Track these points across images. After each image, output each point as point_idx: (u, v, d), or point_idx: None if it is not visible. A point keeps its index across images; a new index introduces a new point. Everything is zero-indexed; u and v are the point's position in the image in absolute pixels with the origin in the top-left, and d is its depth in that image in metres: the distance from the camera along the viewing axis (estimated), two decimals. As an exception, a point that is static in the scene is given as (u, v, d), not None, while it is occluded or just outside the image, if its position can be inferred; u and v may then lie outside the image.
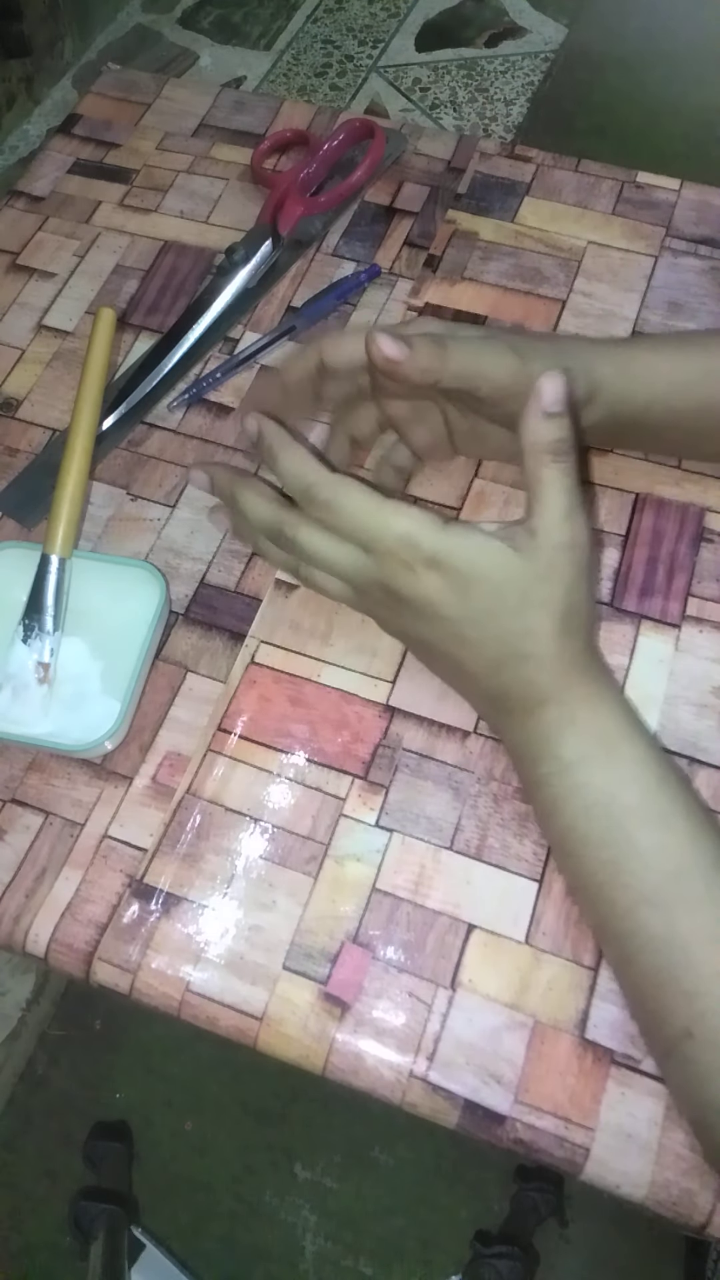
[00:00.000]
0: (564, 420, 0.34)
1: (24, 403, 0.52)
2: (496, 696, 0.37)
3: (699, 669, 0.42)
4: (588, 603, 0.36)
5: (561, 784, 0.35)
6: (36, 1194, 0.92)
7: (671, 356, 0.41)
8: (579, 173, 0.57)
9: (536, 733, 0.36)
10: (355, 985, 0.37)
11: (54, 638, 0.42)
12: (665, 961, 0.32)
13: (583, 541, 0.35)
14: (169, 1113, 0.95)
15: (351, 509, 0.35)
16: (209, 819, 0.40)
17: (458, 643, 0.36)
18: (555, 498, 0.34)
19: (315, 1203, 0.91)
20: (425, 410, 0.43)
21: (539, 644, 0.35)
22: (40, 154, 0.61)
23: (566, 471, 0.34)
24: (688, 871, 0.33)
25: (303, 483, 0.36)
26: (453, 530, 0.35)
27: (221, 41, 1.49)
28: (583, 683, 0.36)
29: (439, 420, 0.44)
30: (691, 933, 0.32)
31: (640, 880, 0.33)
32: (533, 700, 0.36)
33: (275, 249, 0.54)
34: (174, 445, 0.49)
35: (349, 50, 1.48)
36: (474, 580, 0.35)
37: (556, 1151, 0.34)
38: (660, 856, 0.33)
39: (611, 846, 0.34)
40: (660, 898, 0.32)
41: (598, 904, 0.35)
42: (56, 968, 0.38)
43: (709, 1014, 0.31)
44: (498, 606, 0.35)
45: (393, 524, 0.35)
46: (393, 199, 0.57)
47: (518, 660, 0.35)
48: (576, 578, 0.35)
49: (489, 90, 1.43)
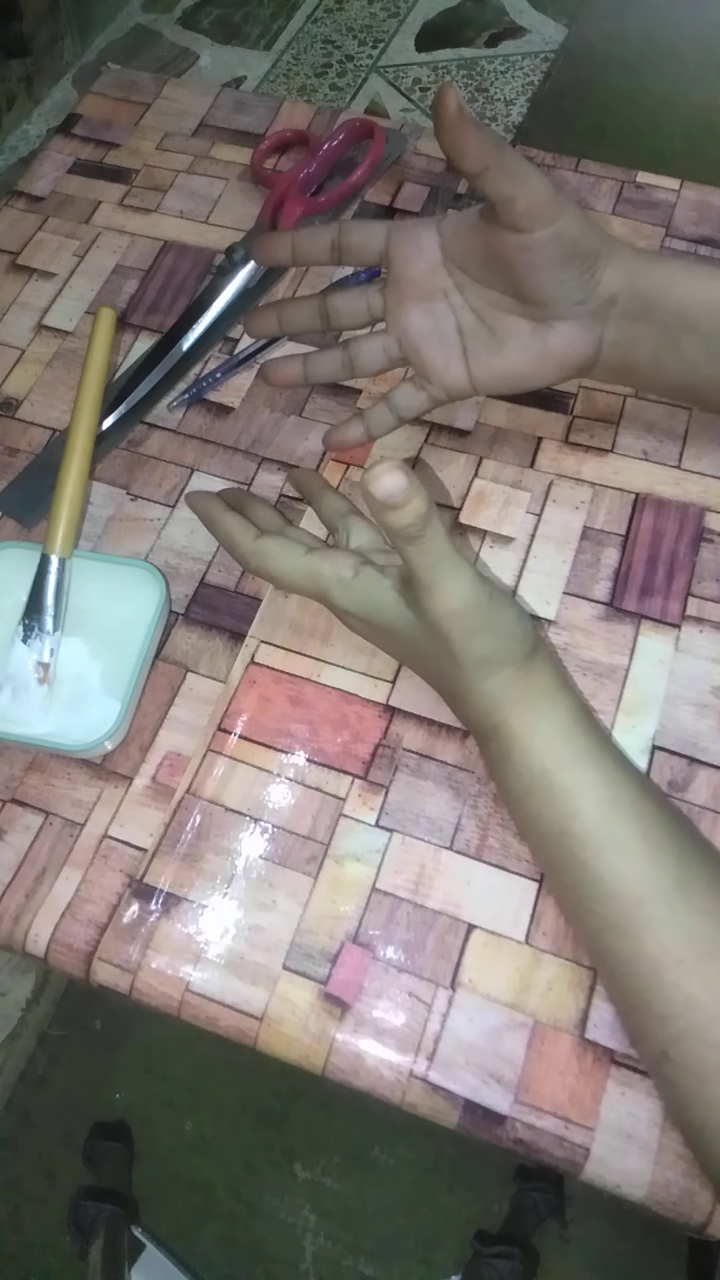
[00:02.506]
0: (405, 509, 0.31)
1: (24, 403, 0.52)
2: (462, 719, 0.39)
3: (699, 669, 0.42)
4: (498, 646, 0.35)
5: (518, 814, 0.36)
6: (36, 1194, 0.92)
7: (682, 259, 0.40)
8: (579, 173, 0.57)
9: (488, 762, 0.38)
10: (355, 985, 0.37)
11: (54, 638, 0.42)
12: (636, 985, 0.32)
13: (460, 607, 0.33)
14: (169, 1113, 0.95)
15: (274, 575, 0.39)
16: (209, 819, 0.40)
17: (413, 669, 0.40)
18: (420, 575, 0.33)
19: (315, 1203, 0.91)
20: (439, 315, 0.41)
21: (460, 685, 0.36)
22: (40, 154, 0.61)
23: (423, 551, 0.32)
24: (647, 896, 0.32)
25: (233, 553, 0.40)
26: (359, 585, 0.37)
27: (221, 41, 1.49)
28: (516, 714, 0.35)
29: (452, 326, 0.41)
30: (658, 957, 0.31)
31: (602, 905, 0.32)
32: (476, 732, 0.38)
33: (275, 249, 0.54)
34: (174, 445, 0.49)
35: (349, 50, 1.48)
36: (383, 631, 0.38)
37: (556, 1151, 0.34)
38: (618, 882, 0.32)
39: (569, 873, 0.34)
40: (623, 923, 0.32)
41: (573, 924, 0.36)
42: (56, 968, 0.38)
43: (682, 1038, 0.30)
44: (413, 652, 0.38)
45: (307, 586, 0.38)
46: (393, 199, 0.57)
47: (450, 697, 0.38)
48: (466, 638, 0.34)
49: (489, 90, 1.43)
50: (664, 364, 0.40)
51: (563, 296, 0.38)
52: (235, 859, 0.39)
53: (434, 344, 0.42)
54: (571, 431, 0.48)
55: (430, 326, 0.41)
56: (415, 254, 0.40)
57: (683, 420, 0.48)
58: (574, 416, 0.48)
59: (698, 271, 0.39)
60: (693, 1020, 0.30)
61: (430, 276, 0.41)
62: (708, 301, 0.38)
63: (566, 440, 0.48)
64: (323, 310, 0.43)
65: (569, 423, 0.48)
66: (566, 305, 0.38)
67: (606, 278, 0.38)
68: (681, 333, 0.39)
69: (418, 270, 0.41)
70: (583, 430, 0.48)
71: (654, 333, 0.39)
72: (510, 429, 0.48)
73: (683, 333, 0.39)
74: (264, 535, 0.39)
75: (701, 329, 0.39)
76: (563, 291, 0.38)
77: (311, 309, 0.43)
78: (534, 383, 0.41)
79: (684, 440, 0.47)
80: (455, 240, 0.40)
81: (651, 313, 0.39)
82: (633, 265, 0.38)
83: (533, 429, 0.48)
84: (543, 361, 0.40)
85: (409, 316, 0.41)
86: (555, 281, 0.38)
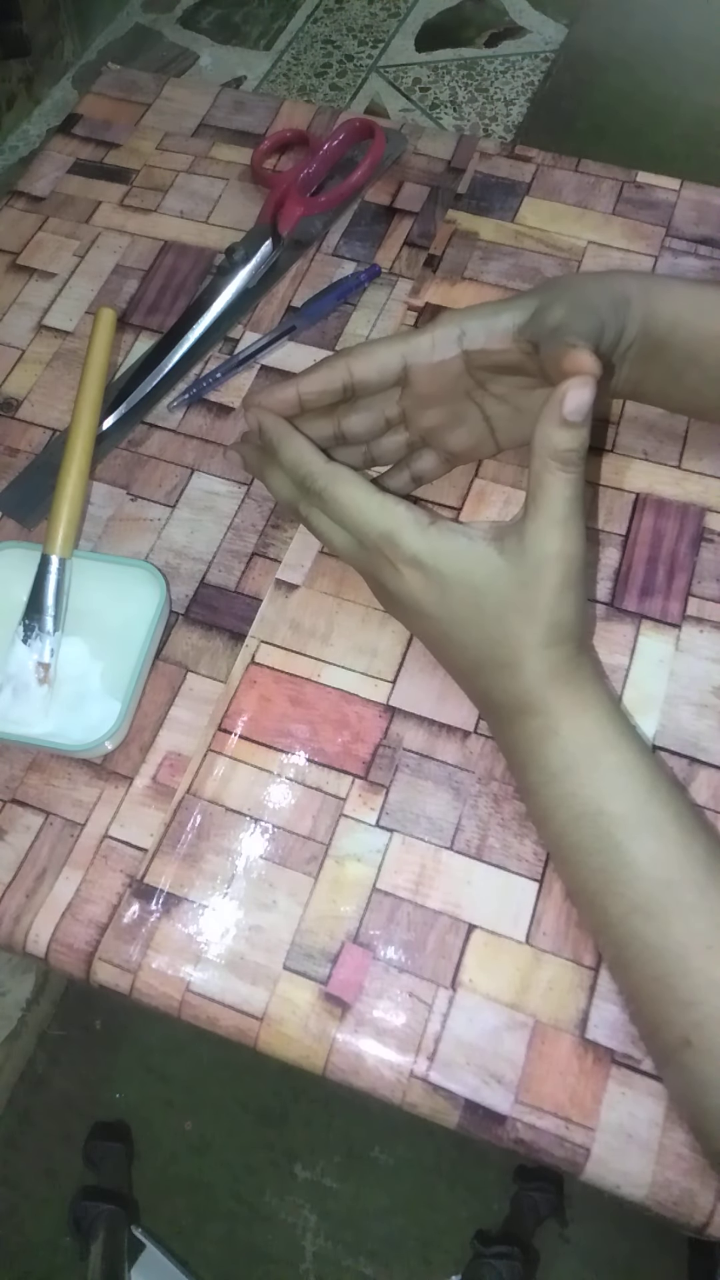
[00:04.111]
0: (581, 431, 0.33)
1: (24, 403, 0.52)
2: (482, 698, 0.38)
3: (699, 669, 0.42)
4: (576, 613, 0.35)
5: (549, 793, 0.35)
6: (36, 1194, 0.92)
7: (694, 283, 0.40)
8: (579, 173, 0.57)
9: (522, 741, 0.36)
10: (356, 985, 0.37)
11: (54, 638, 0.42)
12: (661, 970, 0.32)
13: (574, 553, 0.34)
14: (169, 1113, 0.95)
15: (343, 501, 0.37)
16: (209, 819, 0.40)
17: (444, 640, 0.37)
18: (553, 505, 0.33)
19: (315, 1203, 0.91)
20: (463, 412, 0.42)
21: (519, 652, 0.35)
22: (40, 154, 0.61)
23: (570, 482, 0.33)
24: (680, 880, 0.32)
25: (300, 472, 0.38)
26: (436, 531, 0.35)
27: (221, 41, 1.49)
28: (567, 692, 0.35)
29: (478, 416, 0.42)
30: (686, 941, 0.31)
31: (632, 889, 0.32)
32: (514, 708, 0.36)
33: (275, 249, 0.54)
34: (174, 445, 0.49)
35: (349, 50, 1.48)
36: (453, 583, 0.35)
37: (557, 1151, 0.34)
38: (651, 865, 0.32)
39: (601, 855, 0.33)
40: (653, 906, 0.32)
41: (593, 911, 0.35)
42: (57, 968, 0.38)
43: (706, 1023, 0.30)
44: (477, 611, 0.35)
45: (377, 521, 0.36)
46: (393, 199, 0.57)
47: (496, 667, 0.36)
48: (562, 588, 0.34)
49: (489, 90, 1.43)
50: (669, 394, 0.42)
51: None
52: (235, 859, 0.39)
53: (460, 433, 0.43)
54: (572, 431, 0.48)
55: (454, 420, 0.43)
56: (439, 374, 0.40)
57: (683, 421, 0.48)
58: (574, 416, 0.48)
59: (704, 307, 0.39)
60: (718, 1005, 0.30)
61: (454, 385, 0.41)
62: (713, 337, 0.39)
63: (567, 440, 0.48)
64: (338, 433, 0.42)
65: (569, 423, 0.48)
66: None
67: (627, 328, 0.39)
68: (687, 366, 0.40)
69: (440, 386, 0.40)
70: (583, 430, 0.48)
71: (662, 370, 0.40)
72: (510, 429, 0.48)
73: (688, 366, 0.40)
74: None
75: (705, 362, 0.40)
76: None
77: (326, 429, 0.42)
78: None
79: (684, 440, 0.47)
80: (482, 357, 0.39)
81: (662, 353, 0.40)
82: (645, 308, 0.39)
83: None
84: None
85: (432, 417, 0.42)
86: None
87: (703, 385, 0.41)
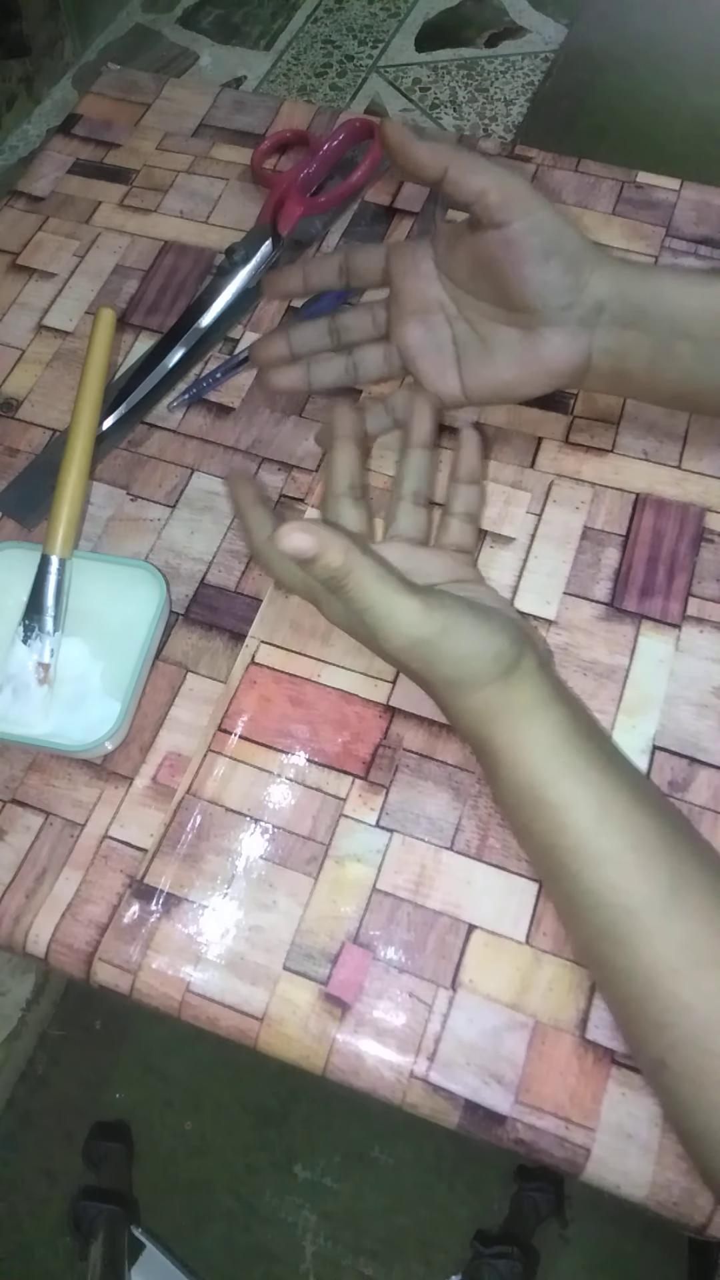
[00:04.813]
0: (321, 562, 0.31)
1: (24, 403, 0.52)
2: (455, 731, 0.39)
3: (699, 669, 0.42)
4: (468, 670, 0.34)
5: (512, 824, 0.36)
6: (36, 1194, 0.92)
7: (671, 269, 0.41)
8: (579, 173, 0.57)
9: (483, 771, 0.37)
10: (356, 985, 0.37)
11: (54, 638, 0.42)
12: (632, 993, 0.31)
13: (412, 641, 0.33)
14: (169, 1113, 0.95)
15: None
16: (209, 819, 0.40)
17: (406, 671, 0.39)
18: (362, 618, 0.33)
19: (315, 1203, 0.91)
20: (435, 329, 0.43)
21: (441, 703, 0.37)
22: (40, 154, 0.61)
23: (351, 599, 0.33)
24: (641, 906, 0.31)
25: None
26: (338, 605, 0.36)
27: (221, 41, 1.49)
28: (499, 730, 0.35)
29: (447, 339, 0.43)
30: (653, 966, 0.31)
31: (595, 915, 0.32)
32: (469, 744, 0.37)
33: (275, 249, 0.54)
34: (174, 445, 0.49)
35: (349, 50, 1.48)
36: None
37: (557, 1151, 0.34)
38: (610, 894, 0.32)
39: (563, 882, 0.34)
40: (617, 933, 0.32)
41: (569, 931, 0.36)
42: (57, 968, 0.38)
43: (679, 1046, 0.30)
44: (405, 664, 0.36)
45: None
46: (393, 199, 0.57)
47: (441, 709, 0.38)
48: (428, 666, 0.34)
49: (489, 90, 1.43)
50: (659, 371, 0.41)
51: (549, 299, 0.39)
52: (235, 859, 0.39)
53: (430, 355, 0.43)
54: (572, 431, 0.48)
55: (427, 338, 0.43)
56: (412, 270, 0.43)
57: (683, 420, 0.48)
58: (574, 416, 0.48)
59: (689, 279, 0.39)
60: (689, 1028, 0.30)
61: (426, 291, 0.43)
62: (701, 309, 0.39)
63: (567, 440, 0.48)
64: (332, 328, 0.46)
65: (569, 423, 0.48)
66: (554, 310, 0.39)
67: (594, 283, 0.39)
68: (675, 339, 0.39)
69: (414, 286, 0.43)
70: (583, 430, 0.48)
71: (648, 340, 0.40)
72: (510, 429, 0.48)
73: (677, 339, 0.39)
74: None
75: (696, 335, 0.39)
76: (548, 292, 0.39)
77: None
78: (524, 392, 0.42)
79: (684, 440, 0.47)
80: (447, 253, 0.42)
81: (644, 320, 0.39)
82: (622, 273, 0.39)
83: (533, 429, 0.48)
84: (532, 370, 0.41)
85: (407, 329, 0.43)
86: (540, 281, 0.39)
87: (695, 363, 0.39)
